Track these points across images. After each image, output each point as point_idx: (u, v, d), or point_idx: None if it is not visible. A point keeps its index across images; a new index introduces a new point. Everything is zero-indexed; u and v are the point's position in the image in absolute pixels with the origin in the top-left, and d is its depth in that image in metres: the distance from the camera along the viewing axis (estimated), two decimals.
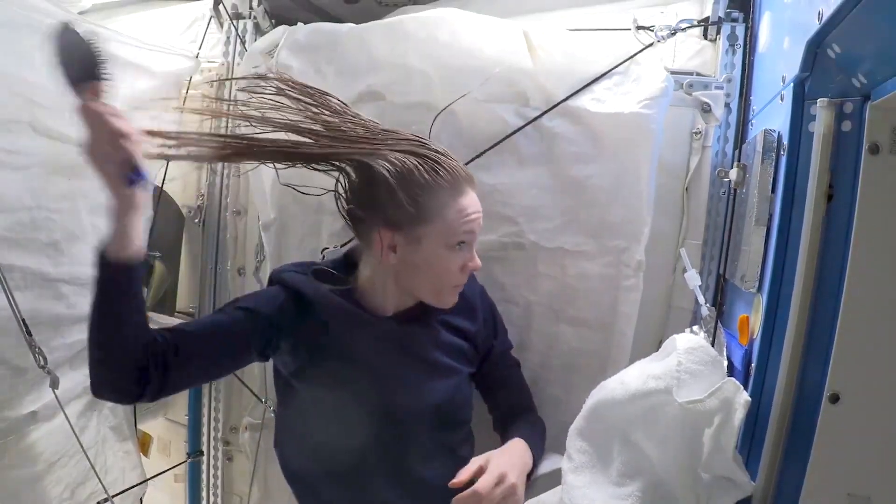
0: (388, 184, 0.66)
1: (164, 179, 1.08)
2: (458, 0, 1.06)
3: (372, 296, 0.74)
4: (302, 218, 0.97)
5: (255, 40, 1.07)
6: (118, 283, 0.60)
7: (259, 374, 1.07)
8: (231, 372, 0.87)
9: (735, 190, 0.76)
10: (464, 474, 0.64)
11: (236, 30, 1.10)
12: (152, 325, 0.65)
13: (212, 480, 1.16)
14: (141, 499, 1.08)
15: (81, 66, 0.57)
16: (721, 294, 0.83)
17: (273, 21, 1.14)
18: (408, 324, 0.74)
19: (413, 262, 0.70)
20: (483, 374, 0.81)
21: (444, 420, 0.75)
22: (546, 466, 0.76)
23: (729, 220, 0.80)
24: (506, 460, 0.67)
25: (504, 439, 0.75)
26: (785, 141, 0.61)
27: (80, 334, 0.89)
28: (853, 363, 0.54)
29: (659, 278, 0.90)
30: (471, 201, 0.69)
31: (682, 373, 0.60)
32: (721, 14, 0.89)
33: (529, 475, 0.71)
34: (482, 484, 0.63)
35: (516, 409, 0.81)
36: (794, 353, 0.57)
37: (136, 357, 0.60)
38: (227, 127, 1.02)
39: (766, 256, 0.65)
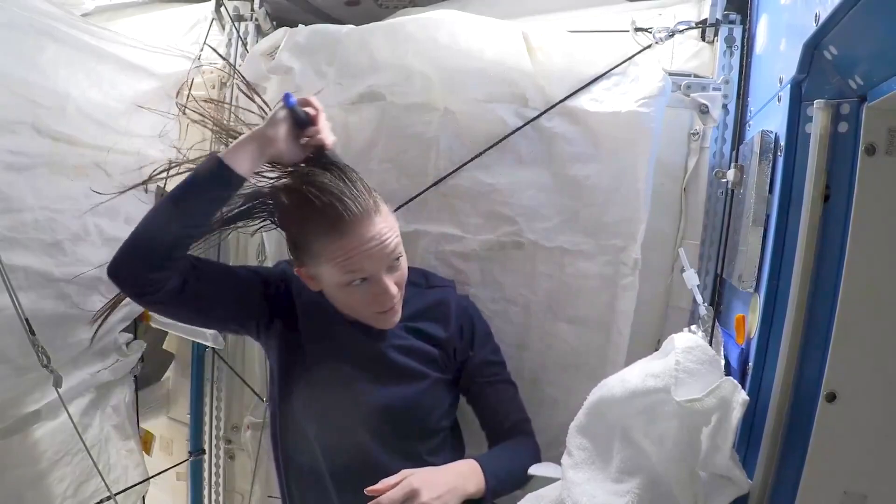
0: (283, 226, 0.70)
1: (166, 181, 1.08)
2: (458, 2, 1.07)
3: None
4: None
5: (257, 42, 1.07)
6: (218, 184, 0.64)
7: (260, 373, 1.08)
8: (229, 319, 0.85)
9: (732, 190, 0.76)
10: (380, 483, 0.61)
11: (238, 32, 1.11)
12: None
13: (213, 479, 1.17)
14: (143, 497, 1.09)
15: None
16: (719, 294, 0.84)
17: (274, 23, 1.15)
18: (371, 327, 0.73)
19: (328, 293, 0.70)
20: (463, 386, 0.79)
21: (406, 425, 0.73)
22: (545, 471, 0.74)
23: (726, 221, 0.81)
24: (429, 478, 0.62)
25: None
26: (782, 142, 0.62)
27: (83, 333, 0.90)
28: (850, 362, 0.54)
29: (657, 278, 0.91)
30: (355, 239, 0.64)
31: (681, 372, 0.60)
32: (718, 16, 0.89)
33: (480, 500, 0.67)
34: (386, 496, 0.59)
35: (501, 427, 0.77)
36: (791, 352, 0.57)
37: (177, 256, 0.64)
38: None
39: (763, 256, 0.65)
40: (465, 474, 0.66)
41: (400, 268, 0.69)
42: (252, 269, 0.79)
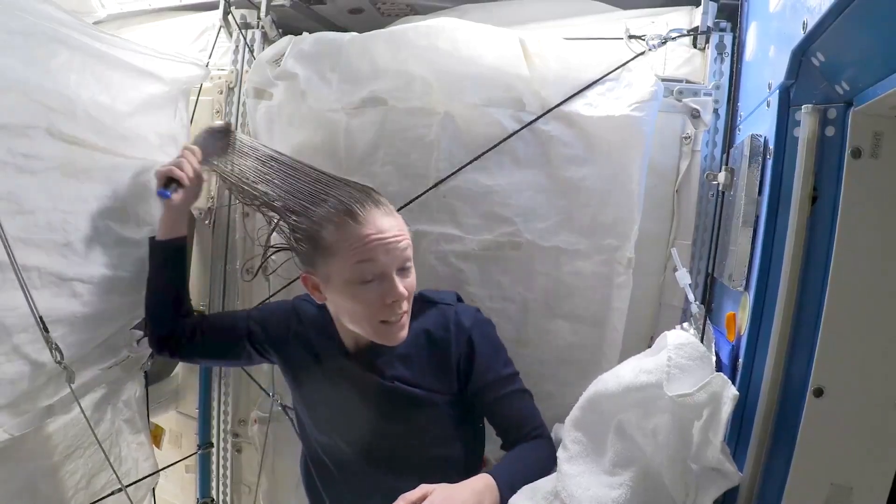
0: (296, 227, 0.70)
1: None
2: (458, 10, 1.09)
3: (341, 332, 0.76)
4: None
5: (263, 49, 1.10)
6: (159, 256, 0.83)
7: (267, 369, 1.10)
8: (239, 362, 0.96)
9: (723, 192, 0.78)
10: (400, 500, 0.58)
11: (245, 39, 1.14)
12: None
13: (221, 471, 1.19)
14: (153, 489, 1.10)
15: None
16: (710, 292, 0.85)
17: (280, 31, 1.17)
18: (367, 359, 0.73)
19: (335, 301, 0.70)
20: (473, 404, 0.76)
21: (408, 454, 0.72)
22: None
23: (717, 222, 0.82)
24: (450, 494, 0.59)
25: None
26: (771, 145, 0.63)
27: (94, 331, 0.92)
28: (836, 358, 0.55)
29: (650, 277, 0.92)
30: (372, 227, 0.64)
31: (673, 368, 0.61)
32: (710, 24, 0.91)
33: None
34: None
35: (513, 438, 0.74)
36: (780, 348, 0.59)
37: (172, 320, 0.83)
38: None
39: (753, 256, 0.66)
40: (482, 492, 0.63)
41: (410, 275, 0.67)
42: (249, 320, 0.83)
